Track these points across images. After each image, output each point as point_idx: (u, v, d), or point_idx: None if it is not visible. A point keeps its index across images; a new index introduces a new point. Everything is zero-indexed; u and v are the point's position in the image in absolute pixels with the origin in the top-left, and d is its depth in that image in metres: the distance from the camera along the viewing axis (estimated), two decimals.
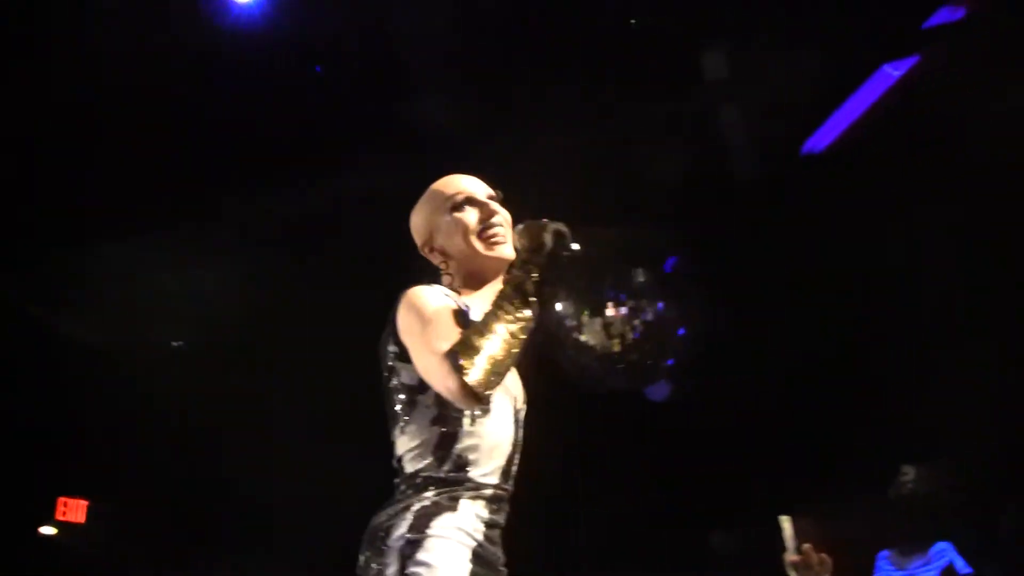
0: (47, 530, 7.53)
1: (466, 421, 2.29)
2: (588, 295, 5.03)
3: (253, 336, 6.59)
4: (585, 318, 5.00)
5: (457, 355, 2.09)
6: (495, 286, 2.39)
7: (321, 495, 6.48)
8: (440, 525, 2.21)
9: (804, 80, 5.57)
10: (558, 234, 2.28)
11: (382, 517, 2.25)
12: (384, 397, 2.35)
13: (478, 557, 2.21)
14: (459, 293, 2.42)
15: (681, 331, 5.31)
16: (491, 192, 2.51)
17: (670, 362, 5.31)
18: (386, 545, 2.20)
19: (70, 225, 5.77)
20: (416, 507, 2.24)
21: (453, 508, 2.24)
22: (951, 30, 5.38)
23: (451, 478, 2.28)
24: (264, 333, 6.52)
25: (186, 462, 6.70)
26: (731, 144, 5.88)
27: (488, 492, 2.29)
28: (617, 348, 5.06)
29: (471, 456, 2.29)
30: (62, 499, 7.32)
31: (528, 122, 5.13)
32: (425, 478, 2.28)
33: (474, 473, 2.29)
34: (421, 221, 2.49)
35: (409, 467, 2.32)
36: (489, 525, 2.27)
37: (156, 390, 6.57)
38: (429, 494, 2.26)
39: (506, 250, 2.41)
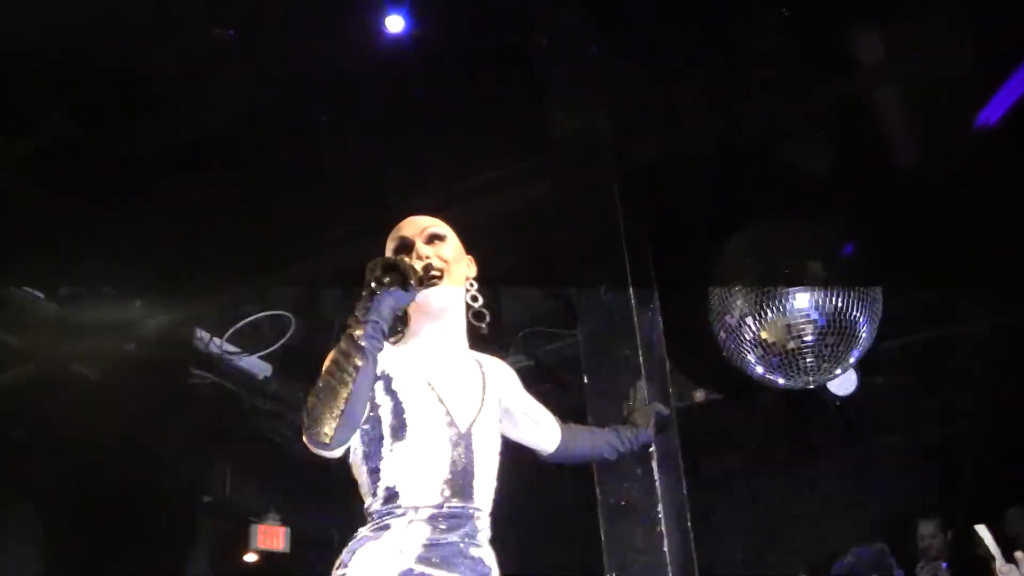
0: (250, 557, 7.84)
1: (384, 451, 2.44)
2: (764, 291, 4.94)
3: None
4: (765, 316, 4.92)
5: (301, 412, 2.27)
6: (436, 324, 2.63)
7: None
8: (359, 557, 2.35)
9: (968, 51, 5.37)
10: (374, 267, 2.36)
11: None
12: None
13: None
14: (410, 336, 2.65)
15: (864, 323, 5.18)
16: (436, 231, 2.68)
17: (855, 355, 5.17)
18: None
19: None
20: (348, 545, 2.41)
21: (378, 537, 2.37)
22: None
23: (383, 509, 2.42)
24: None
25: None
26: (893, 128, 5.71)
27: (425, 514, 2.39)
28: (800, 344, 4.96)
29: (399, 484, 2.42)
30: (262, 527, 7.58)
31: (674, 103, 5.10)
32: (369, 515, 2.45)
33: (404, 500, 2.40)
34: None
35: (365, 507, 2.48)
36: (430, 544, 2.37)
37: None
38: (363, 530, 2.42)
39: (435, 292, 2.57)
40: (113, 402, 6.68)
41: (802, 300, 4.98)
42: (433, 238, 2.67)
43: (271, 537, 7.62)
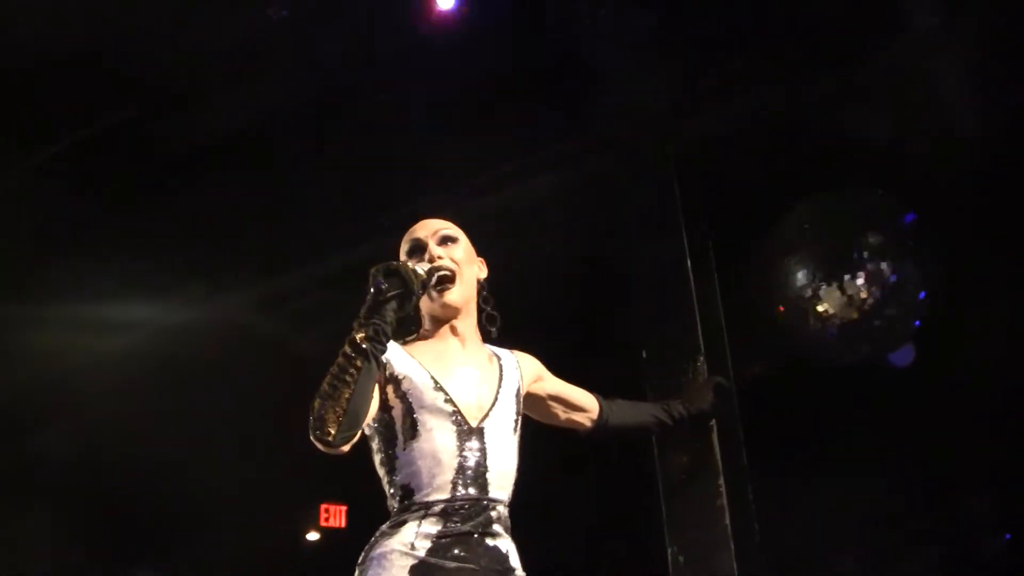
0: (312, 536, 7.99)
1: (398, 451, 2.58)
2: (823, 263, 4.90)
3: None
4: (822, 287, 4.88)
5: (309, 412, 2.36)
6: (448, 325, 2.74)
7: None
8: (375, 552, 2.47)
9: None
10: (376, 272, 2.44)
11: None
12: None
13: (419, 570, 2.43)
14: (422, 337, 2.77)
15: (923, 294, 5.12)
16: (448, 233, 2.77)
17: (916, 324, 5.11)
18: None
19: None
20: (370, 542, 2.54)
21: (393, 533, 2.49)
22: None
23: (400, 506, 2.57)
24: None
25: None
26: (952, 96, 5.62)
27: (438, 508, 2.50)
28: (858, 315, 4.92)
29: (412, 481, 2.54)
30: (324, 505, 7.70)
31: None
32: (389, 512, 2.58)
33: (418, 495, 2.52)
34: None
35: (388, 505, 2.62)
36: (442, 536, 2.47)
37: None
38: (383, 527, 2.55)
39: (448, 296, 2.70)
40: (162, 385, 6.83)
41: (861, 271, 4.92)
42: (445, 240, 2.77)
43: (333, 516, 7.74)
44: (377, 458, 2.65)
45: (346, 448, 2.40)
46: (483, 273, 2.87)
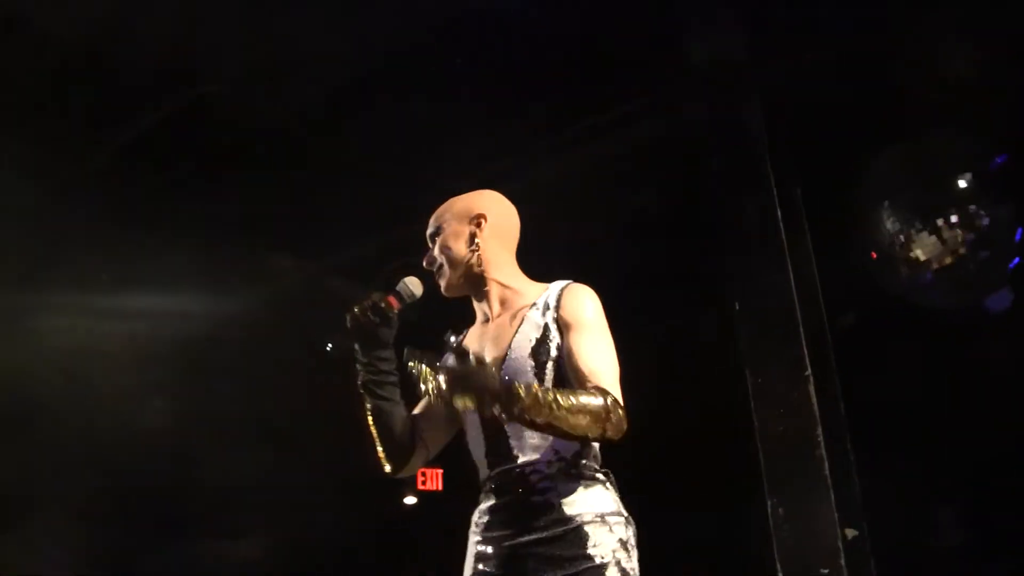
0: (410, 500, 8.14)
1: (465, 439, 2.68)
2: (915, 208, 4.84)
3: None
4: (915, 232, 4.82)
5: None
6: (472, 300, 2.76)
7: None
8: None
9: None
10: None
11: None
12: None
13: (477, 547, 2.53)
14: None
15: (1018, 235, 5.03)
16: (432, 229, 2.77)
17: (1011, 267, 5.03)
18: None
19: None
20: None
21: (473, 514, 2.61)
22: None
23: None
24: None
25: None
26: None
27: (486, 486, 2.57)
28: (952, 260, 4.85)
29: (473, 465, 2.64)
30: (421, 469, 7.81)
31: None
32: None
33: (479, 476, 2.61)
34: None
35: None
36: (492, 511, 2.53)
37: None
38: None
39: (441, 282, 2.74)
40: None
41: (954, 216, 4.85)
42: (434, 235, 2.77)
43: (430, 479, 7.86)
44: None
45: (414, 470, 2.70)
46: (482, 228, 2.72)
